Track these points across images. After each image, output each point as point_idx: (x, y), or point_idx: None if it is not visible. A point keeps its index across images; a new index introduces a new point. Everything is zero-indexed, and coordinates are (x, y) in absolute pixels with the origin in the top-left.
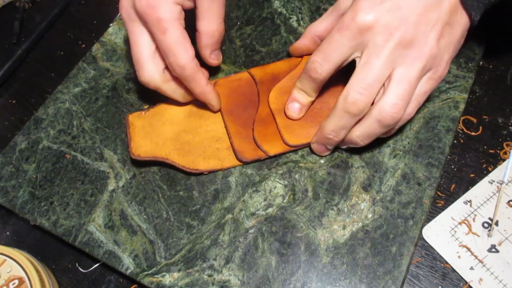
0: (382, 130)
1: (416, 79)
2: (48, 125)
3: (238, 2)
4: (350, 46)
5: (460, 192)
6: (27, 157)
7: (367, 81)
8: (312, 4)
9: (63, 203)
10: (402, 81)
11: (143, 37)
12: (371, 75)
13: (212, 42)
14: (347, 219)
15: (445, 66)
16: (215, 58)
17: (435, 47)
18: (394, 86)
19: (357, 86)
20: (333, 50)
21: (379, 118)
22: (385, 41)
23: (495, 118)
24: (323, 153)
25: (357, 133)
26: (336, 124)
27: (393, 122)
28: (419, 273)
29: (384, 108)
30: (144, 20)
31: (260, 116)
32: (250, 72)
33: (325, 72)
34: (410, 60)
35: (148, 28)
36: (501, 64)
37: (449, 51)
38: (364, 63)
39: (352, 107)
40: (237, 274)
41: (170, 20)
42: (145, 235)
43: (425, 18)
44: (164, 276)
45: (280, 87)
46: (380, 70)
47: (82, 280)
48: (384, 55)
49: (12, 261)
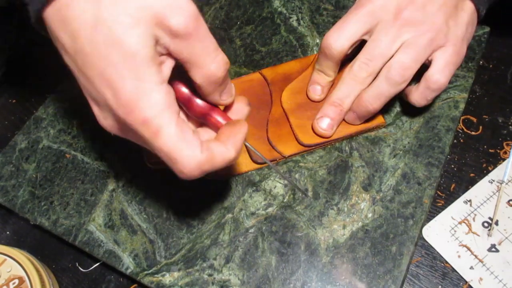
0: (390, 89)
1: (425, 45)
2: (48, 125)
3: (238, 2)
4: (364, 22)
5: (460, 192)
6: (27, 156)
7: (373, 54)
8: (312, 3)
9: (63, 203)
10: (410, 45)
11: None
12: (378, 49)
13: (216, 86)
14: (347, 219)
15: (462, 42)
16: (227, 98)
17: (444, 25)
18: (403, 49)
19: (363, 57)
20: (346, 26)
21: (387, 75)
22: (394, 20)
23: (495, 118)
24: (329, 129)
25: (366, 95)
26: (340, 91)
27: (400, 79)
28: (419, 272)
29: (392, 66)
30: (129, 129)
31: (274, 116)
32: (262, 73)
33: (339, 48)
34: (419, 33)
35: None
36: (501, 64)
37: (462, 30)
38: (373, 39)
39: (356, 75)
40: (237, 273)
41: (160, 115)
42: (145, 234)
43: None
44: (164, 276)
45: (293, 87)
46: (387, 45)
47: (82, 280)
48: (392, 32)
49: (12, 260)
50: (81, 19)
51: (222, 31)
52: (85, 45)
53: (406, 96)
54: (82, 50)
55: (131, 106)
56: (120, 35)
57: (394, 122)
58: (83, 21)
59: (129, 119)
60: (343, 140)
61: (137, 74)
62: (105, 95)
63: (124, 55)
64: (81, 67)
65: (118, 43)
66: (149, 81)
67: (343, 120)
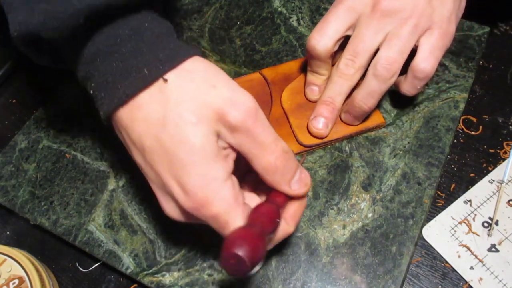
0: (381, 86)
1: (408, 34)
2: (48, 125)
3: (238, 2)
4: (344, 18)
5: (460, 192)
6: (27, 156)
7: (357, 50)
8: (312, 3)
9: (63, 203)
10: (393, 37)
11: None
12: (361, 44)
13: (280, 176)
14: (347, 219)
15: (449, 22)
16: (299, 188)
17: (427, 7)
18: (386, 43)
19: (347, 54)
20: (327, 25)
21: (375, 72)
22: (373, 12)
23: (495, 118)
24: (324, 128)
25: (359, 95)
26: (330, 89)
27: (388, 74)
28: (419, 272)
29: (378, 62)
30: (197, 218)
31: (274, 116)
32: (262, 73)
33: (323, 47)
34: (401, 21)
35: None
36: (501, 64)
37: (448, 8)
38: (355, 34)
39: (343, 72)
40: None
41: (228, 210)
42: (145, 234)
43: None
44: (164, 276)
45: (293, 87)
46: (370, 39)
47: (82, 280)
48: (373, 26)
49: (12, 260)
50: (151, 119)
51: (222, 31)
52: (154, 143)
53: (396, 87)
54: (150, 148)
55: (201, 203)
56: (186, 133)
57: (394, 122)
58: (153, 121)
59: (198, 213)
60: (343, 140)
61: (205, 171)
62: (174, 190)
63: (191, 152)
64: (150, 163)
65: (185, 141)
66: (216, 177)
67: (343, 121)
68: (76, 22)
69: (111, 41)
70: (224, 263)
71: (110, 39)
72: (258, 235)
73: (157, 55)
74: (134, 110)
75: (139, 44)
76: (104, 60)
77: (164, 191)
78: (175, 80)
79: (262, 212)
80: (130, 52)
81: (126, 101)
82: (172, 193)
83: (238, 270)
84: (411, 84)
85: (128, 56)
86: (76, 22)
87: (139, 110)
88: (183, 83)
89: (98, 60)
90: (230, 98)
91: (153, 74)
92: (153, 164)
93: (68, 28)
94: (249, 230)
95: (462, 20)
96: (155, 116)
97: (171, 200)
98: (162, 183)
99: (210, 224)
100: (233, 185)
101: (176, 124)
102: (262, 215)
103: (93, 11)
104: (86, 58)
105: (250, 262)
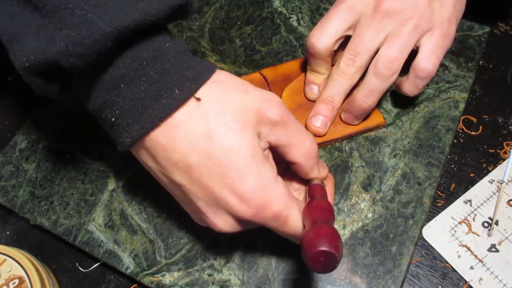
0: (381, 84)
1: (409, 34)
2: (49, 125)
3: (238, 2)
4: (344, 18)
5: (460, 192)
6: (27, 156)
7: (357, 49)
8: (312, 3)
9: (63, 203)
10: (394, 36)
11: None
12: (362, 44)
13: (314, 161)
14: (347, 219)
15: (449, 23)
16: (323, 170)
17: (427, 8)
18: (387, 42)
19: (348, 54)
20: (328, 24)
21: (375, 71)
22: (374, 13)
23: (495, 118)
24: (322, 127)
25: (359, 93)
26: (330, 88)
27: (388, 72)
28: (419, 272)
29: (378, 60)
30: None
31: None
32: (262, 73)
33: (323, 46)
34: (401, 22)
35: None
36: (501, 64)
37: (448, 10)
38: (356, 34)
39: (343, 71)
40: (237, 273)
41: (287, 206)
42: (145, 234)
43: None
44: (164, 276)
45: (293, 87)
46: (370, 39)
47: (82, 280)
48: (373, 26)
49: (12, 260)
50: (194, 135)
51: (222, 31)
52: (202, 157)
53: (397, 87)
54: (198, 163)
55: (261, 205)
56: (235, 141)
57: (394, 122)
58: (196, 136)
59: (257, 217)
60: (343, 140)
61: (259, 174)
62: (229, 201)
63: (244, 158)
64: (198, 179)
65: (236, 149)
66: (270, 177)
67: (343, 120)
68: (103, 47)
69: (136, 64)
70: (313, 263)
71: (135, 62)
72: (331, 228)
73: (184, 74)
74: (172, 130)
75: (165, 65)
76: (129, 84)
77: (216, 206)
78: (209, 94)
79: (318, 207)
80: (159, 74)
81: (159, 124)
82: (227, 205)
83: (328, 265)
84: (412, 83)
85: (157, 78)
86: (103, 47)
87: (178, 129)
88: (217, 94)
89: (123, 86)
90: (262, 98)
91: (184, 93)
92: (202, 179)
93: (93, 54)
94: (322, 226)
95: (462, 20)
96: (198, 132)
97: (224, 213)
98: (214, 198)
99: (269, 225)
100: (282, 181)
101: (224, 134)
102: (319, 210)
103: (122, 34)
104: (106, 85)
105: (339, 254)
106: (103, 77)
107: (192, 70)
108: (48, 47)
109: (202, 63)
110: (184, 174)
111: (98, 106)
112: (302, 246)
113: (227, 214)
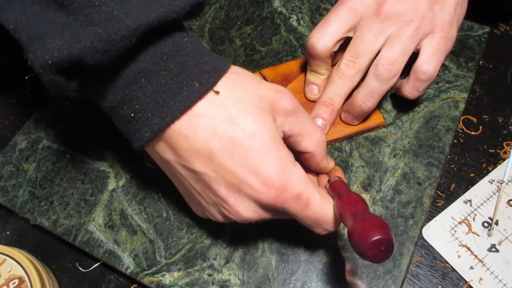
0: (381, 86)
1: (410, 36)
2: (48, 125)
3: (238, 2)
4: (345, 19)
5: (460, 192)
6: (27, 156)
7: (358, 51)
8: (312, 3)
9: (63, 203)
10: (395, 38)
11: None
12: (362, 46)
13: (325, 150)
14: None
15: (450, 26)
16: (331, 161)
17: (428, 11)
18: (388, 44)
19: (348, 55)
20: (328, 25)
21: (376, 72)
22: (376, 15)
23: (495, 118)
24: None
25: (359, 95)
26: (330, 90)
27: (389, 74)
28: (419, 272)
29: (379, 62)
30: (273, 209)
31: None
32: (262, 73)
33: (322, 47)
34: (402, 24)
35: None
36: (501, 64)
37: (449, 13)
38: (356, 36)
39: (343, 73)
40: (237, 273)
41: (307, 187)
42: (145, 234)
43: None
44: (164, 276)
45: (293, 87)
46: (371, 41)
47: (82, 280)
48: (374, 28)
49: (12, 260)
50: (215, 122)
51: (222, 31)
52: (224, 142)
53: (398, 90)
54: (221, 148)
55: (282, 185)
56: (257, 125)
57: (394, 122)
58: (217, 123)
59: (279, 199)
60: (343, 140)
61: (280, 156)
62: (252, 183)
63: (265, 141)
64: (220, 165)
65: (258, 132)
66: (289, 160)
67: (343, 120)
68: (128, 43)
69: (157, 59)
70: (370, 254)
71: (156, 57)
72: (377, 217)
73: (203, 68)
74: (193, 120)
75: (184, 59)
76: (150, 79)
77: (238, 191)
78: (228, 83)
79: (351, 201)
80: (179, 68)
81: (180, 116)
82: (249, 188)
83: (384, 254)
84: (413, 86)
85: (177, 72)
86: (129, 43)
87: (199, 118)
88: (235, 83)
89: (143, 80)
90: (275, 89)
91: (204, 86)
92: (225, 164)
93: (118, 50)
94: (367, 217)
95: (462, 20)
96: (220, 118)
97: (245, 199)
98: (237, 182)
99: (291, 208)
100: (300, 166)
101: (245, 119)
102: (354, 203)
103: (146, 30)
104: (126, 80)
105: (393, 240)
106: (123, 72)
107: (210, 64)
108: (73, 44)
109: (219, 58)
110: (206, 161)
111: (116, 102)
112: (355, 241)
113: (249, 200)
